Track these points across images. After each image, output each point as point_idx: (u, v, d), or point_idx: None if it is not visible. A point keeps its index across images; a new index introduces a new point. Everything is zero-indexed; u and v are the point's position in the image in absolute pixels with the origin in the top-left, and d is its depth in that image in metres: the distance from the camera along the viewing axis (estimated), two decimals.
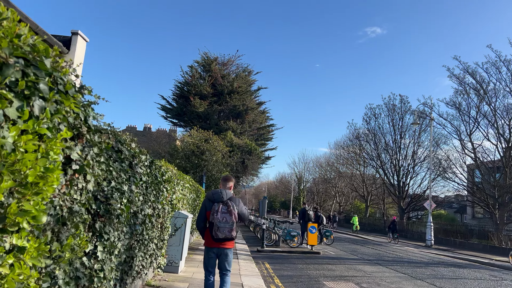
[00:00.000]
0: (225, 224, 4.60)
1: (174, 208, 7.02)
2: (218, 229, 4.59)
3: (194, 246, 12.64)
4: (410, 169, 38.00)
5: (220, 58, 38.35)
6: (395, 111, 37.69)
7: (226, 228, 4.60)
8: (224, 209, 4.66)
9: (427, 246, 25.23)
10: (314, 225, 14.13)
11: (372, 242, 24.09)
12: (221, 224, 4.60)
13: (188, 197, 9.62)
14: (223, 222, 4.60)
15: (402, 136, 37.90)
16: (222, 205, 4.69)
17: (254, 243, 16.35)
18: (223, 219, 4.61)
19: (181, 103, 37.32)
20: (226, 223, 4.61)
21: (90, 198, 2.95)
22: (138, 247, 4.82)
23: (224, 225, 4.60)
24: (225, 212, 4.64)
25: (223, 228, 4.60)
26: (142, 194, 4.62)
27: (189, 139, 21.68)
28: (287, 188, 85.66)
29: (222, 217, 4.62)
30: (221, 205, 4.68)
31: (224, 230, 4.60)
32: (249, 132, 38.65)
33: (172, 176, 6.84)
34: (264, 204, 23.86)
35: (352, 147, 45.02)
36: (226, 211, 4.65)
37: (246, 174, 36.82)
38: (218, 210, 4.64)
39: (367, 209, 48.78)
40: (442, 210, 49.26)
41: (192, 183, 10.87)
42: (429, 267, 12.72)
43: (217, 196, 4.78)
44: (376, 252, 16.95)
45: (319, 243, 17.91)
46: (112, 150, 3.93)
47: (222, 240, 4.67)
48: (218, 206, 4.67)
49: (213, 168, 20.84)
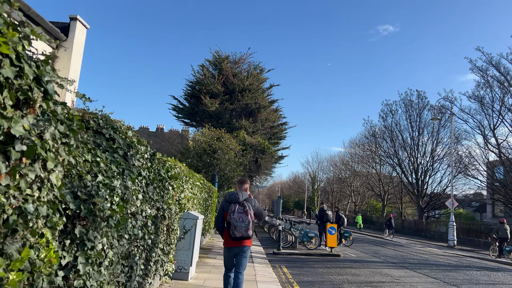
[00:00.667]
0: (241, 223, 4.86)
1: (182, 209, 6.32)
2: (235, 228, 4.85)
3: (207, 247, 11.95)
4: (429, 167, 36.71)
5: (231, 56, 37.71)
6: (413, 107, 36.46)
7: (242, 228, 4.85)
8: (241, 210, 4.91)
9: (450, 246, 24.10)
10: (334, 226, 13.28)
11: (392, 243, 23.08)
12: (238, 224, 4.85)
13: (198, 196, 8.91)
14: (239, 222, 4.86)
15: (420, 133, 36.65)
16: (238, 205, 4.94)
17: (269, 245, 15.58)
18: (240, 219, 4.87)
19: (193, 103, 36.82)
20: (242, 223, 4.86)
21: (63, 196, 2.23)
22: (138, 254, 4.11)
23: (240, 225, 4.85)
24: (242, 212, 4.89)
25: (240, 227, 4.85)
26: (141, 192, 3.91)
27: (200, 138, 21.01)
28: (300, 188, 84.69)
29: (239, 217, 4.88)
30: (237, 206, 4.93)
31: (241, 229, 4.85)
32: (262, 131, 37.92)
33: (180, 173, 6.12)
34: (279, 204, 23.14)
35: (368, 145, 43.83)
36: (242, 211, 4.90)
37: (259, 173, 36.11)
38: (235, 210, 4.90)
39: (383, 209, 47.47)
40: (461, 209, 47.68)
41: (203, 181, 10.17)
42: (460, 270, 11.76)
43: (234, 197, 5.02)
44: (399, 253, 16.00)
45: (338, 244, 17.05)
46: (102, 138, 3.23)
47: (240, 238, 4.92)
48: (235, 207, 4.92)
49: (225, 167, 20.12)
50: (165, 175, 4.98)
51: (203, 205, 10.23)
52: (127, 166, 3.38)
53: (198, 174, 9.82)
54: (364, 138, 43.13)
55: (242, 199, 5.00)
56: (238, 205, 4.94)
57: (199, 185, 8.69)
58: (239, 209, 4.91)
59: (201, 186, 9.33)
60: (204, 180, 11.10)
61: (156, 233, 4.81)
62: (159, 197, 4.75)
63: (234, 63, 38.16)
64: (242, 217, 4.87)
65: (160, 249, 5.22)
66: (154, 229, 4.68)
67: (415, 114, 36.48)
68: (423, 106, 35.85)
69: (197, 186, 8.45)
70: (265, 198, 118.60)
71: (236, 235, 4.86)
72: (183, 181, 6.45)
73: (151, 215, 4.39)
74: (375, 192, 48.88)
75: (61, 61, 6.91)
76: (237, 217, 4.87)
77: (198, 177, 9.42)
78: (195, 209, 8.35)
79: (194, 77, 36.88)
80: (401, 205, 42.11)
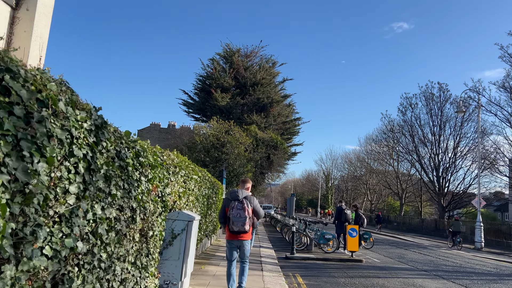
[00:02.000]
0: (239, 218, 5.30)
1: (168, 207, 4.89)
2: (233, 223, 5.32)
3: (211, 251, 10.55)
4: (451, 164, 34.62)
5: (242, 50, 36.26)
6: (434, 100, 34.39)
7: (239, 222, 5.30)
8: (239, 206, 5.33)
9: (477, 248, 22.24)
10: (355, 227, 11.71)
11: (415, 245, 21.35)
12: (236, 219, 5.31)
13: (196, 192, 7.49)
14: (237, 217, 5.31)
15: (442, 128, 34.56)
16: (237, 202, 5.37)
17: (281, 247, 14.11)
18: (237, 215, 5.31)
19: (203, 97, 35.53)
20: (240, 218, 5.30)
21: None
22: (78, 276, 2.68)
23: (238, 220, 5.30)
24: (240, 209, 5.32)
25: (237, 222, 5.30)
26: (78, 182, 2.48)
27: (208, 131, 19.63)
28: (314, 185, 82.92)
29: (237, 213, 5.32)
30: (236, 203, 5.36)
31: (238, 224, 5.30)
32: (274, 126, 36.41)
33: (162, 160, 4.69)
34: (292, 202, 21.64)
35: (385, 141, 41.85)
36: (240, 208, 5.33)
37: (271, 170, 34.65)
38: (234, 207, 5.35)
39: (401, 207, 45.47)
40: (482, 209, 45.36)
41: (204, 174, 8.73)
42: (503, 280, 10.07)
43: (234, 195, 5.48)
44: (428, 258, 14.33)
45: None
46: None
47: (237, 232, 5.38)
48: (234, 204, 5.37)
49: (234, 162, 18.69)
50: (133, 161, 3.55)
51: (205, 203, 8.80)
52: (30, 135, 1.94)
53: (198, 167, 8.38)
54: (382, 133, 41.11)
55: (241, 197, 5.42)
56: (237, 202, 5.36)
57: (197, 179, 7.26)
58: (238, 205, 5.33)
59: (201, 180, 7.89)
60: (206, 173, 9.69)
61: (119, 242, 3.39)
62: (122, 191, 3.33)
63: (245, 57, 36.73)
64: (240, 213, 5.31)
65: (131, 262, 3.80)
66: (114, 237, 3.26)
67: (436, 107, 34.43)
68: (445, 99, 33.77)
69: (194, 180, 7.02)
70: (277, 196, 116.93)
71: (234, 229, 5.33)
72: (170, 172, 5.02)
73: (105, 217, 2.96)
74: (393, 190, 46.88)
75: (22, 23, 5.61)
76: (235, 213, 5.32)
77: (197, 169, 7.99)
78: (191, 208, 6.92)
79: (204, 71, 35.57)
80: (420, 204, 40.07)
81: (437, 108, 34.34)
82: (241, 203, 5.32)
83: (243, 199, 5.37)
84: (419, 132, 35.58)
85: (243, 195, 5.44)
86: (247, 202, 5.34)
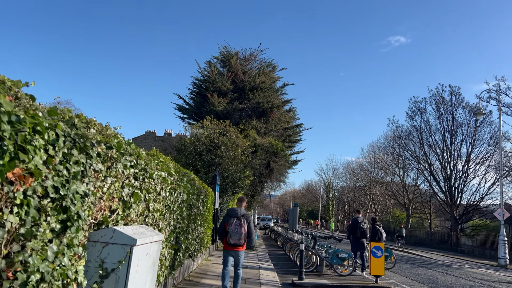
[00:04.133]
0: (236, 233, 6.21)
1: (84, 220, 2.49)
2: (231, 236, 6.22)
3: (197, 277, 8.03)
4: (464, 173, 32.21)
5: (241, 53, 33.99)
6: (445, 105, 32.13)
7: (236, 237, 6.21)
8: (237, 223, 6.23)
9: (501, 265, 19.72)
10: (380, 245, 9.23)
11: (434, 262, 18.82)
12: (233, 233, 6.21)
13: (169, 198, 5.07)
14: (234, 232, 6.21)
15: (453, 134, 32.25)
16: (236, 219, 6.27)
17: (285, 268, 11.64)
18: (235, 230, 6.21)
19: (198, 102, 33.06)
20: (236, 233, 6.21)
21: None
22: None
23: (235, 235, 6.21)
24: (238, 225, 6.22)
25: (234, 237, 6.21)
26: None
27: (200, 131, 17.22)
28: (314, 196, 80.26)
29: (235, 228, 6.21)
30: (235, 220, 6.26)
31: (235, 238, 6.21)
32: (275, 133, 33.92)
33: (76, 128, 2.29)
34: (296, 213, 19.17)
35: (391, 148, 39.51)
36: (238, 224, 6.22)
37: (271, 178, 32.17)
38: (233, 223, 6.24)
39: (408, 219, 42.88)
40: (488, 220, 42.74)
41: (184, 174, 6.32)
42: None
43: (234, 213, 6.35)
44: (461, 281, 11.83)
45: None
46: None
47: (234, 245, 6.27)
48: (233, 220, 6.27)
49: (229, 167, 16.25)
50: None
51: (183, 215, 6.37)
52: None
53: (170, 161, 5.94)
54: (390, 139, 38.72)
55: (240, 214, 6.32)
56: (236, 219, 6.25)
57: (166, 177, 4.83)
58: (236, 222, 6.22)
59: (175, 181, 5.47)
60: (190, 175, 7.30)
61: None
62: None
63: (244, 60, 34.48)
64: (237, 229, 6.19)
65: None
66: None
67: (447, 112, 32.15)
68: (458, 103, 31.50)
69: (162, 178, 4.61)
70: (276, 207, 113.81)
71: (231, 241, 6.23)
72: (94, 154, 2.62)
73: None
74: (399, 201, 44.33)
75: None
76: (233, 228, 6.20)
77: (172, 165, 5.58)
78: (154, 222, 4.49)
79: (201, 74, 33.21)
80: (430, 216, 37.50)
81: (449, 112, 32.07)
82: (239, 220, 6.19)
83: (241, 216, 6.25)
84: (429, 139, 33.27)
85: (241, 213, 6.31)
86: (244, 220, 6.22)
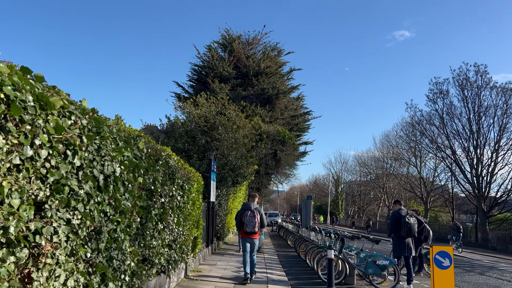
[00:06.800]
0: (250, 223, 7.38)
1: None
2: (246, 226, 7.40)
3: None
4: (493, 161, 29.02)
5: (244, 37, 30.88)
6: (471, 85, 28.90)
7: (251, 226, 7.37)
8: (251, 215, 7.45)
9: None
10: (447, 250, 6.22)
11: (476, 263, 15.82)
12: (248, 223, 7.39)
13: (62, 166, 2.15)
14: (249, 222, 7.39)
15: (480, 118, 29.05)
16: (250, 212, 7.48)
17: (301, 277, 8.72)
18: (250, 220, 7.39)
19: (198, 89, 29.82)
20: (251, 223, 7.37)
21: None
22: None
23: (250, 223, 7.37)
24: (252, 216, 7.43)
25: (249, 226, 7.37)
26: None
27: (193, 110, 14.31)
28: (322, 191, 77.26)
29: (249, 219, 7.40)
30: (249, 212, 7.48)
31: (250, 226, 7.37)
32: (281, 121, 30.78)
33: None
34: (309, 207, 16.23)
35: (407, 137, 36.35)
36: (252, 215, 7.44)
37: (278, 170, 29.19)
38: (248, 215, 7.45)
39: (426, 213, 39.74)
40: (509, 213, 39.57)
41: (125, 132, 3.42)
42: None
43: (248, 206, 7.58)
44: None
45: (417, 271, 10.00)
46: None
47: (249, 233, 7.45)
48: (248, 212, 7.48)
49: (229, 152, 13.29)
50: None
51: (125, 205, 3.44)
52: None
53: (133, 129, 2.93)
54: (407, 125, 35.55)
55: (253, 208, 7.52)
56: (250, 211, 7.46)
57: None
58: (250, 214, 7.42)
59: (81, 130, 2.53)
60: (167, 152, 4.40)
61: None
62: None
63: (247, 44, 31.34)
64: (251, 219, 7.37)
65: None
66: None
67: (473, 94, 28.93)
68: (486, 83, 28.26)
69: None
70: (283, 202, 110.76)
71: (247, 230, 7.39)
72: None
73: None
74: (415, 193, 41.22)
75: None
76: (248, 219, 7.39)
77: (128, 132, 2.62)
78: None
79: (200, 59, 30.13)
80: (452, 209, 34.32)
81: (474, 94, 28.85)
82: (252, 212, 7.46)
83: (254, 209, 7.52)
84: (453, 124, 30.08)
85: (254, 207, 7.55)
86: (256, 212, 7.50)
